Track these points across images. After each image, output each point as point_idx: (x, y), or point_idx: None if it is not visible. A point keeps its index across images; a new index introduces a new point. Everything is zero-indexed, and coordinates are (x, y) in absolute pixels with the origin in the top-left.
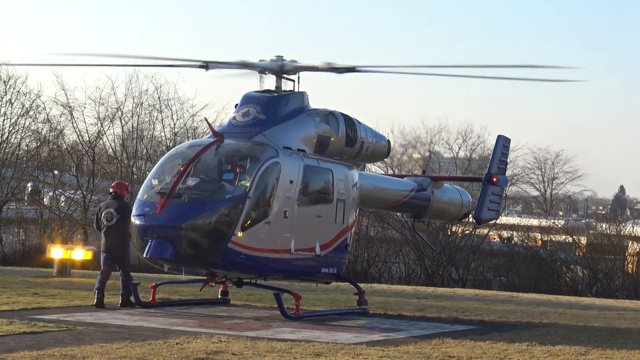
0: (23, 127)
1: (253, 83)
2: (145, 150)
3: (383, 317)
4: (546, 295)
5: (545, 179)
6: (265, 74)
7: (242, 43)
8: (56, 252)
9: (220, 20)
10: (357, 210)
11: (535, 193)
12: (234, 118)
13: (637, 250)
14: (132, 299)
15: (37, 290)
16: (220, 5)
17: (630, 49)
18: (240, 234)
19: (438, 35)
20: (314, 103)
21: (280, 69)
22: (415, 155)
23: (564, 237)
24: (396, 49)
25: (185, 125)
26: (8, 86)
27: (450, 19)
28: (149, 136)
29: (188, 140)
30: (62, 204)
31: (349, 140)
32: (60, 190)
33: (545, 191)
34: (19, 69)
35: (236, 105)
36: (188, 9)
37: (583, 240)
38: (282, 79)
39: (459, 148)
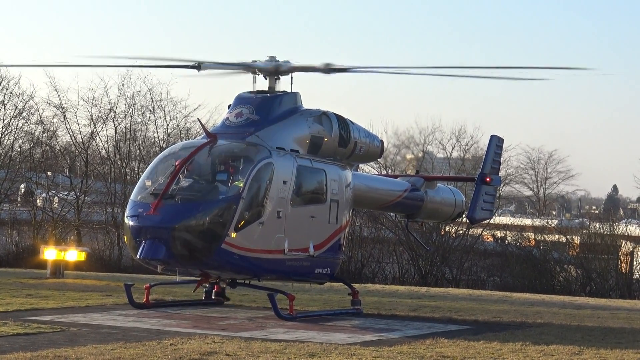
0: (16, 129)
1: (246, 84)
2: (138, 151)
3: (377, 317)
4: (540, 295)
5: (538, 178)
6: (258, 74)
7: (235, 43)
8: (49, 253)
9: (214, 20)
10: (351, 211)
11: (529, 193)
12: (227, 119)
13: (631, 249)
14: None
15: (30, 291)
16: (215, 4)
17: (626, 49)
18: (234, 234)
19: (433, 35)
20: (307, 103)
21: (274, 69)
22: (409, 156)
23: (557, 236)
24: (390, 49)
25: (178, 126)
26: (1, 88)
27: (447, 19)
28: (142, 137)
29: (181, 141)
30: (56, 205)
31: (342, 141)
32: (53, 192)
33: (538, 191)
34: (12, 71)
35: (229, 106)
36: (182, 9)
37: (576, 239)
38: (275, 80)
39: (453, 148)
